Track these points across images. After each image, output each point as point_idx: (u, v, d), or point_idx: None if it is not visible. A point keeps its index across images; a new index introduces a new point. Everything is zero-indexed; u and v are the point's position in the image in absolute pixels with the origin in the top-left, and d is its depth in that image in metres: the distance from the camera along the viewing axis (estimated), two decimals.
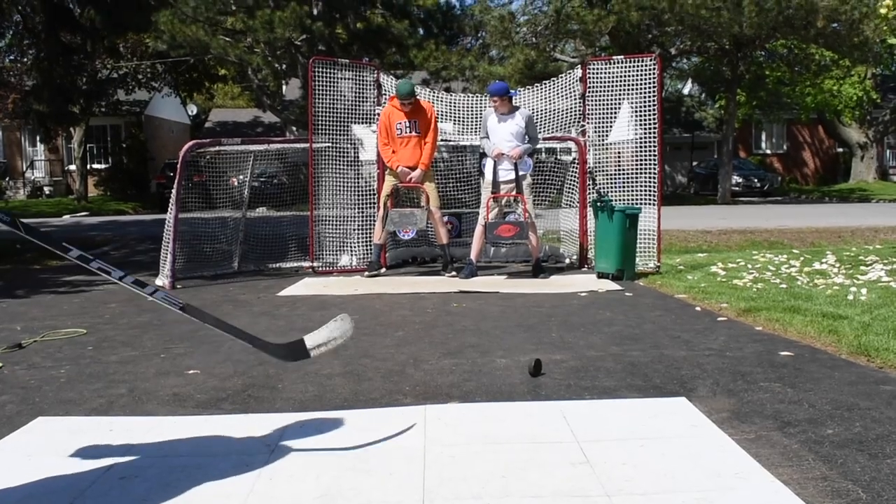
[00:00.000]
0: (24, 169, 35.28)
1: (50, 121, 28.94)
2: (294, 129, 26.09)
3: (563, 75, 9.53)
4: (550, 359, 4.50)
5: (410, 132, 8.33)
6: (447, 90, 18.45)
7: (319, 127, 8.83)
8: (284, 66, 25.15)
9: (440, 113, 9.05)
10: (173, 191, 8.35)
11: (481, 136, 8.38)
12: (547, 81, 9.67)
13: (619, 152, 9.18)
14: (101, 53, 27.81)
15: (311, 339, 2.93)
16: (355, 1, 24.41)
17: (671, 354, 4.61)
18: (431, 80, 24.23)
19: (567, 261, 9.36)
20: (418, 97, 8.57)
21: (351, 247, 9.10)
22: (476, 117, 9.30)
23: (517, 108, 8.32)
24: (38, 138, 33.02)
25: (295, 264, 9.37)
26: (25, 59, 27.64)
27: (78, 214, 25.00)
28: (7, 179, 34.01)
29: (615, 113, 8.92)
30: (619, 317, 5.93)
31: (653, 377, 4.10)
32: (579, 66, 9.49)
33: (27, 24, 19.65)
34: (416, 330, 5.55)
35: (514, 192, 8.17)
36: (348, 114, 9.02)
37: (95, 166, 34.24)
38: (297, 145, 10.20)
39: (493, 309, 6.37)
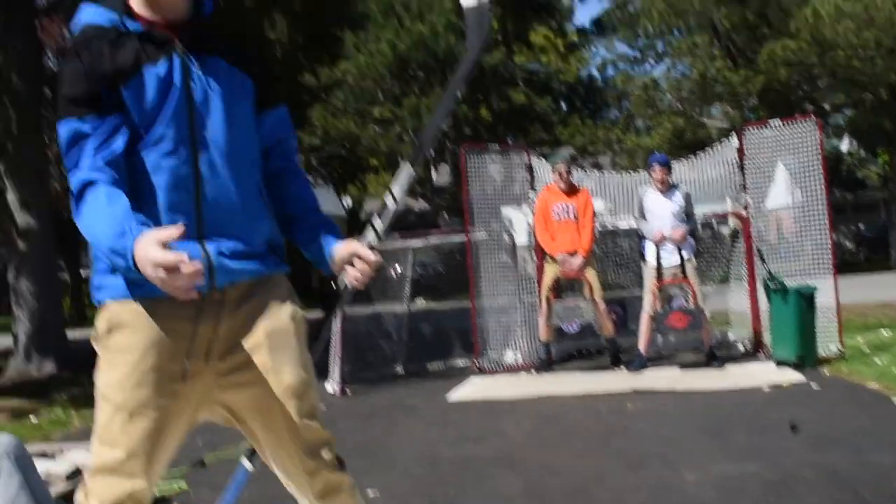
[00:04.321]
0: None
1: None
2: (445, 215, 26.50)
3: (717, 145, 9.28)
4: (743, 471, 4.24)
5: (568, 216, 8.20)
6: (596, 166, 18.39)
7: (475, 215, 8.86)
8: (433, 153, 25.72)
9: (589, 190, 8.87)
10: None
11: (637, 217, 8.12)
12: (701, 152, 9.43)
13: (778, 219, 8.74)
14: None
15: None
16: (498, 81, 24.81)
17: (877, 461, 4.24)
18: (578, 156, 24.21)
19: (740, 346, 8.92)
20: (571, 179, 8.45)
21: (515, 341, 8.96)
22: (626, 194, 9.11)
23: (674, 185, 8.07)
24: None
25: (460, 361, 9.27)
26: None
27: None
28: None
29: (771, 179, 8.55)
30: (810, 414, 5.52)
31: (862, 491, 3.76)
32: (732, 132, 9.20)
33: None
34: (594, 437, 5.37)
35: (679, 278, 7.89)
36: (499, 198, 9.03)
37: None
38: (454, 238, 10.21)
39: (670, 410, 6.09)
